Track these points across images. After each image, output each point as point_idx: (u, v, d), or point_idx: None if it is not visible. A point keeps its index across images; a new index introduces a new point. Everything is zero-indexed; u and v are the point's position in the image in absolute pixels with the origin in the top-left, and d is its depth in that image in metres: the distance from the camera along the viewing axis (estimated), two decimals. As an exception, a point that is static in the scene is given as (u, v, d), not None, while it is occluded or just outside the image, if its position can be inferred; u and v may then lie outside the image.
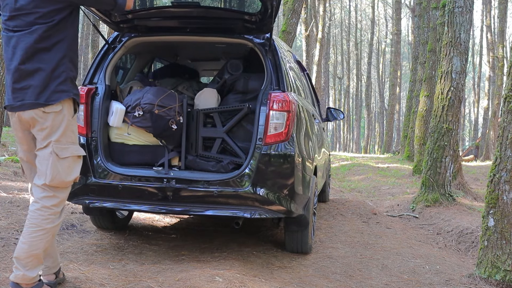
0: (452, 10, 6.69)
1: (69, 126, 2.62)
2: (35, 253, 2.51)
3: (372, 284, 3.64)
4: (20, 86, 2.54)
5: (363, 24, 45.90)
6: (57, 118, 2.56)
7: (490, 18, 27.93)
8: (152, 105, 3.72)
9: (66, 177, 2.61)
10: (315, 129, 4.75)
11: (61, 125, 2.58)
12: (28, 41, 2.51)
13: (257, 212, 3.52)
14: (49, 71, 2.53)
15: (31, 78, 2.52)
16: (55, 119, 2.56)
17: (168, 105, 3.76)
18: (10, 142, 10.18)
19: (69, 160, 2.61)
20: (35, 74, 2.52)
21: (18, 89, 2.54)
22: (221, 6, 4.32)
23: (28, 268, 2.51)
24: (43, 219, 2.54)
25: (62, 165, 2.58)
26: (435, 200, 6.58)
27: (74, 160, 2.65)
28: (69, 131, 2.63)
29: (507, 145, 3.79)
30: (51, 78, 2.54)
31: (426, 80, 11.28)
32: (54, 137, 2.56)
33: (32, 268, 2.52)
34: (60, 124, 2.58)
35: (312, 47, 21.48)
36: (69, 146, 2.62)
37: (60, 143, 2.58)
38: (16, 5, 2.52)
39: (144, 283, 2.98)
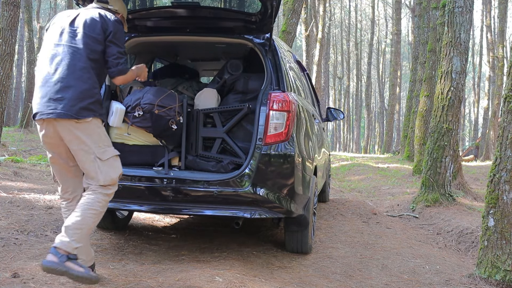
0: (452, 10, 6.69)
1: (102, 131, 3.00)
2: (84, 227, 2.81)
3: (372, 284, 3.64)
4: (56, 97, 2.86)
5: (363, 24, 45.89)
6: (90, 127, 2.91)
7: (490, 18, 27.92)
8: (152, 105, 3.71)
9: (114, 175, 2.98)
10: (315, 129, 4.75)
11: (95, 131, 2.93)
12: (72, 61, 2.92)
13: (257, 212, 3.52)
14: (85, 89, 2.89)
15: (67, 91, 2.86)
16: (89, 128, 2.90)
17: (168, 105, 3.76)
18: (10, 142, 10.17)
19: (111, 160, 2.97)
20: (71, 89, 2.87)
21: (53, 100, 2.86)
22: (221, 6, 4.32)
23: (74, 238, 2.76)
24: (97, 202, 2.90)
25: (107, 166, 2.94)
26: (435, 200, 6.58)
27: (114, 160, 3.01)
28: (103, 135, 2.99)
29: (507, 145, 3.79)
30: (86, 96, 2.89)
31: (426, 80, 11.28)
32: (93, 144, 2.91)
33: (76, 240, 2.77)
34: (94, 131, 2.92)
35: (312, 47, 21.47)
36: (107, 148, 2.98)
37: (100, 148, 2.93)
38: (69, 30, 2.99)
39: (144, 283, 2.98)
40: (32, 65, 17.85)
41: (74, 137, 2.89)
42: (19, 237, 3.86)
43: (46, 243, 3.85)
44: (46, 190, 5.86)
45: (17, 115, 23.30)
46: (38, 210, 4.77)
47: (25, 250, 3.59)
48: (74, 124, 2.86)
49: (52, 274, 2.79)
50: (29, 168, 7.39)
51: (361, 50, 42.76)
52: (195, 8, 3.88)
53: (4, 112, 8.17)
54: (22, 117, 15.91)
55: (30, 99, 16.32)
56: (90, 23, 2.99)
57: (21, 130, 12.88)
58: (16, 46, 9.30)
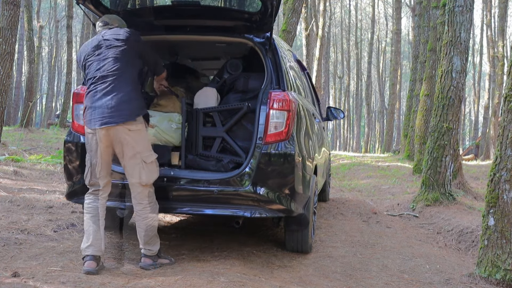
0: (452, 9, 6.69)
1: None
2: (154, 234, 3.44)
3: (372, 283, 3.64)
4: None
5: (363, 23, 45.84)
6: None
7: (490, 17, 27.90)
8: None
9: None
10: (315, 128, 4.75)
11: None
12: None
13: (257, 211, 3.52)
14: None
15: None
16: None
17: None
18: (11, 142, 10.17)
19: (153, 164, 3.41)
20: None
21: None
22: (221, 6, 4.32)
23: (153, 244, 3.44)
24: (151, 209, 3.40)
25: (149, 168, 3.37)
26: (435, 200, 6.58)
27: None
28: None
29: (507, 144, 3.79)
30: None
31: (426, 79, 11.27)
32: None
33: (155, 244, 3.45)
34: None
35: (312, 46, 21.44)
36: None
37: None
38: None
39: (144, 282, 2.98)
40: (32, 64, 17.81)
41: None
42: (19, 237, 3.87)
43: (46, 242, 3.85)
44: (47, 190, 5.86)
45: (17, 115, 23.28)
46: (38, 210, 4.77)
47: (25, 250, 3.59)
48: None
49: (52, 274, 2.82)
50: (30, 168, 7.39)
51: (361, 49, 42.73)
52: (195, 7, 3.87)
53: (4, 112, 8.17)
54: (22, 116, 15.90)
55: (30, 99, 16.31)
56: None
57: (21, 130, 12.87)
58: (16, 45, 9.30)
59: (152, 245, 3.43)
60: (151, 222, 3.40)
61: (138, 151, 3.29)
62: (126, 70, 3.33)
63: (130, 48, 3.36)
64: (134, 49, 3.40)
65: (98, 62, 3.34)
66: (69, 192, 3.78)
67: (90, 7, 3.73)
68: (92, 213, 3.33)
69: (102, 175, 3.35)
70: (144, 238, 3.40)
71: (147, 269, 3.35)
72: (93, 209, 3.34)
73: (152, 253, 3.43)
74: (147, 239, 3.40)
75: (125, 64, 3.33)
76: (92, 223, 3.30)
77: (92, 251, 3.22)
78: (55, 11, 36.70)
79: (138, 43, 3.43)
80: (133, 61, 3.39)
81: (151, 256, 3.43)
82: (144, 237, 3.40)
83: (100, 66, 3.32)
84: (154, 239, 3.44)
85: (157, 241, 3.47)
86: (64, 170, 3.80)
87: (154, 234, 3.43)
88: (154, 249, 3.44)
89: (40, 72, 37.75)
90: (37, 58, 26.41)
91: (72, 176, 3.71)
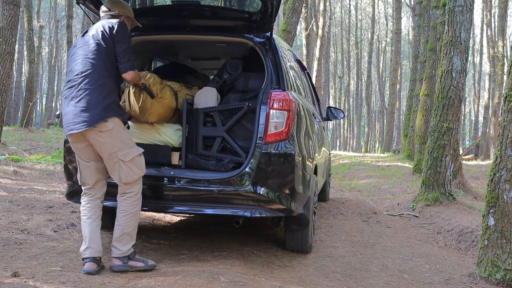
0: (452, 9, 6.69)
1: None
2: (127, 231, 3.28)
3: (372, 283, 3.64)
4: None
5: (363, 23, 45.83)
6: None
7: (490, 17, 27.90)
8: None
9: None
10: (315, 128, 4.75)
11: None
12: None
13: (257, 211, 3.52)
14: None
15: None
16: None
17: None
18: (11, 141, 10.17)
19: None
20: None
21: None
22: (221, 5, 4.32)
23: (124, 243, 3.27)
24: (129, 205, 3.29)
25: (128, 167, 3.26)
26: (435, 199, 6.58)
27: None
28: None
29: (507, 144, 3.79)
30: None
31: (426, 79, 11.27)
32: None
33: (126, 243, 3.28)
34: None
35: (312, 46, 21.44)
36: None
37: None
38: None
39: (144, 282, 2.98)
40: (32, 64, 17.80)
41: None
42: (19, 237, 3.86)
43: (46, 242, 3.85)
44: (47, 190, 5.86)
45: (17, 114, 23.29)
46: (38, 210, 4.77)
47: (25, 250, 3.59)
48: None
49: (52, 274, 2.81)
50: (30, 168, 7.39)
51: (361, 49, 42.73)
52: (195, 7, 3.87)
53: (5, 111, 8.17)
54: (22, 116, 15.90)
55: (30, 98, 16.30)
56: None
57: (21, 129, 12.87)
58: (16, 45, 9.30)
59: (122, 244, 3.27)
60: (130, 219, 3.28)
61: (114, 151, 3.21)
62: (93, 72, 3.19)
63: (101, 46, 3.22)
64: (108, 46, 3.23)
65: (70, 64, 3.31)
66: (69, 192, 3.78)
67: (90, 6, 3.73)
68: (87, 215, 3.31)
69: (86, 175, 3.34)
70: (116, 234, 3.28)
71: (116, 270, 3.23)
72: (88, 210, 3.32)
73: (120, 254, 3.27)
74: (118, 235, 3.27)
75: (93, 66, 3.20)
76: (88, 225, 3.28)
77: (91, 253, 3.20)
78: (55, 11, 36.70)
79: (112, 39, 3.24)
80: (104, 60, 3.23)
81: (120, 258, 3.26)
82: (117, 231, 3.28)
83: (70, 68, 3.28)
84: (126, 239, 3.28)
85: (130, 242, 3.30)
86: (64, 170, 3.80)
87: (128, 233, 3.29)
88: (123, 249, 3.27)
89: (40, 72, 37.76)
90: (37, 58, 26.42)
91: (72, 176, 3.71)
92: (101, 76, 3.21)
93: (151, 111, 3.74)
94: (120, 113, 3.29)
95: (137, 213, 3.34)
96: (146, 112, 3.73)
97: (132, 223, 3.30)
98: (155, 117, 3.81)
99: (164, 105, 3.82)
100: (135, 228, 3.33)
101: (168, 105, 3.85)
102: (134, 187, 3.30)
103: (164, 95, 3.81)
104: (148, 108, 3.71)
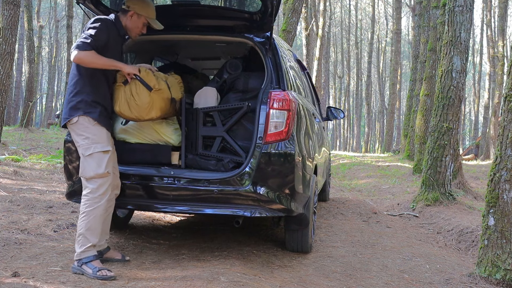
0: (452, 9, 6.69)
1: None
2: (80, 232, 3.17)
3: (372, 283, 3.64)
4: None
5: (363, 23, 45.84)
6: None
7: (490, 17, 27.91)
8: None
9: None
10: (315, 128, 4.75)
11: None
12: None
13: (257, 211, 3.52)
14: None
15: None
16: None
17: None
18: (11, 141, 10.17)
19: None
20: None
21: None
22: (221, 5, 4.31)
23: (79, 245, 3.16)
24: (83, 205, 3.20)
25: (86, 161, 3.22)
26: (435, 199, 6.58)
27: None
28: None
29: (507, 144, 3.79)
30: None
31: (426, 79, 11.27)
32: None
33: (82, 245, 3.15)
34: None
35: (312, 46, 21.45)
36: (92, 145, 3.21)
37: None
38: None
39: (144, 282, 2.98)
40: (32, 64, 17.80)
41: None
42: (19, 237, 3.86)
43: (46, 242, 3.85)
44: (47, 190, 5.86)
45: (17, 114, 23.30)
46: (38, 210, 4.77)
47: (25, 250, 3.59)
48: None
49: (52, 274, 2.86)
50: (30, 167, 7.39)
51: (361, 49, 42.74)
52: (195, 7, 3.87)
53: (5, 111, 8.17)
54: (22, 116, 15.90)
55: (30, 98, 16.30)
56: None
57: (21, 129, 12.87)
58: (16, 45, 9.30)
59: (78, 246, 3.16)
60: (83, 218, 3.17)
61: (79, 144, 3.25)
62: (71, 72, 3.31)
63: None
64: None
65: None
66: (69, 191, 3.77)
67: (90, 6, 3.73)
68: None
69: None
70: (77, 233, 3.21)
71: (73, 271, 3.12)
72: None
73: (75, 255, 3.15)
74: (76, 235, 3.19)
75: (72, 65, 3.31)
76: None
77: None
78: (55, 11, 36.70)
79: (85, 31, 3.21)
80: None
81: (76, 260, 3.15)
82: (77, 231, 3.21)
83: None
84: (82, 240, 3.16)
85: (86, 243, 3.15)
86: (64, 169, 3.80)
87: (81, 234, 3.16)
88: (77, 250, 3.15)
89: (40, 72, 37.76)
90: (37, 58, 26.42)
91: (72, 175, 3.70)
92: (74, 75, 3.27)
93: (153, 106, 3.50)
94: (88, 112, 3.22)
95: (90, 215, 3.17)
96: (147, 108, 3.49)
97: (84, 223, 3.17)
98: (159, 112, 3.56)
99: (164, 97, 3.59)
100: (91, 230, 3.17)
101: (167, 96, 3.63)
102: (91, 184, 3.20)
103: (161, 86, 3.58)
104: (149, 103, 3.48)
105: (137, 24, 3.46)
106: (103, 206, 3.22)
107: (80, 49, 3.15)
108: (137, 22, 3.45)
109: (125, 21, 3.45)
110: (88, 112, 3.22)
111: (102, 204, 3.21)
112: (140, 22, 3.46)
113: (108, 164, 3.23)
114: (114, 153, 3.38)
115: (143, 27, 3.51)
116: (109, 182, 3.24)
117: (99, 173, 3.19)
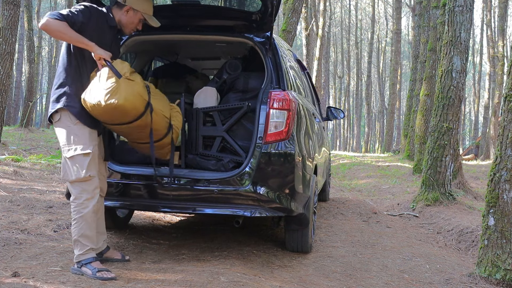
0: (452, 9, 6.69)
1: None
2: (74, 238, 3.11)
3: (372, 283, 3.64)
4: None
5: (363, 23, 45.83)
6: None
7: (490, 17, 27.90)
8: None
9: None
10: (315, 128, 4.75)
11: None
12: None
13: (257, 211, 3.52)
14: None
15: None
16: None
17: None
18: (11, 141, 10.17)
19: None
20: None
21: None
22: (221, 5, 4.31)
23: (78, 249, 3.11)
24: (72, 212, 3.11)
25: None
26: (435, 199, 6.58)
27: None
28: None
29: (507, 144, 3.79)
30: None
31: (426, 79, 11.27)
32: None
33: (77, 248, 3.11)
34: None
35: (312, 46, 21.44)
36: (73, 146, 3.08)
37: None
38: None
39: (144, 282, 2.98)
40: (32, 64, 17.79)
41: None
42: (19, 237, 3.86)
43: (46, 242, 3.85)
44: (47, 190, 5.86)
45: (17, 114, 23.29)
46: (38, 210, 4.77)
47: (25, 250, 3.59)
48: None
49: (52, 274, 2.87)
50: (30, 167, 7.39)
51: (361, 49, 42.73)
52: (195, 7, 3.87)
53: (5, 111, 8.17)
54: (22, 116, 15.89)
55: (30, 98, 16.29)
56: None
57: (21, 129, 12.87)
58: (16, 45, 9.29)
59: (76, 248, 3.10)
60: (74, 225, 3.08)
61: (61, 144, 3.11)
62: (60, 61, 3.17)
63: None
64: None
65: None
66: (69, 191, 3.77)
67: None
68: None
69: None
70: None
71: (72, 272, 3.07)
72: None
73: (74, 257, 3.11)
74: (73, 240, 3.13)
75: (61, 55, 3.17)
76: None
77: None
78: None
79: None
80: (65, 51, 3.13)
81: (76, 262, 3.10)
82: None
83: None
84: (77, 244, 3.08)
85: (83, 248, 3.08)
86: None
87: (76, 240, 3.09)
88: (76, 252, 3.10)
89: (40, 72, 37.73)
90: (37, 58, 26.41)
91: (72, 175, 3.70)
92: (59, 68, 3.16)
93: (116, 91, 2.99)
94: (68, 105, 3.05)
95: (81, 221, 3.06)
96: (109, 92, 2.98)
97: (76, 230, 3.07)
98: (122, 99, 2.99)
99: (134, 89, 3.09)
100: (84, 236, 3.08)
101: (138, 91, 3.11)
102: (74, 189, 3.07)
103: (135, 78, 3.18)
104: (112, 87, 2.99)
105: (132, 19, 3.28)
106: (91, 211, 3.08)
107: (51, 16, 2.95)
108: (133, 17, 3.27)
109: (120, 16, 3.26)
110: (69, 105, 3.06)
111: (90, 209, 3.07)
112: (136, 18, 3.28)
113: (90, 167, 3.05)
114: (98, 155, 3.21)
115: (139, 23, 3.33)
116: (94, 186, 3.08)
117: (79, 177, 3.03)
